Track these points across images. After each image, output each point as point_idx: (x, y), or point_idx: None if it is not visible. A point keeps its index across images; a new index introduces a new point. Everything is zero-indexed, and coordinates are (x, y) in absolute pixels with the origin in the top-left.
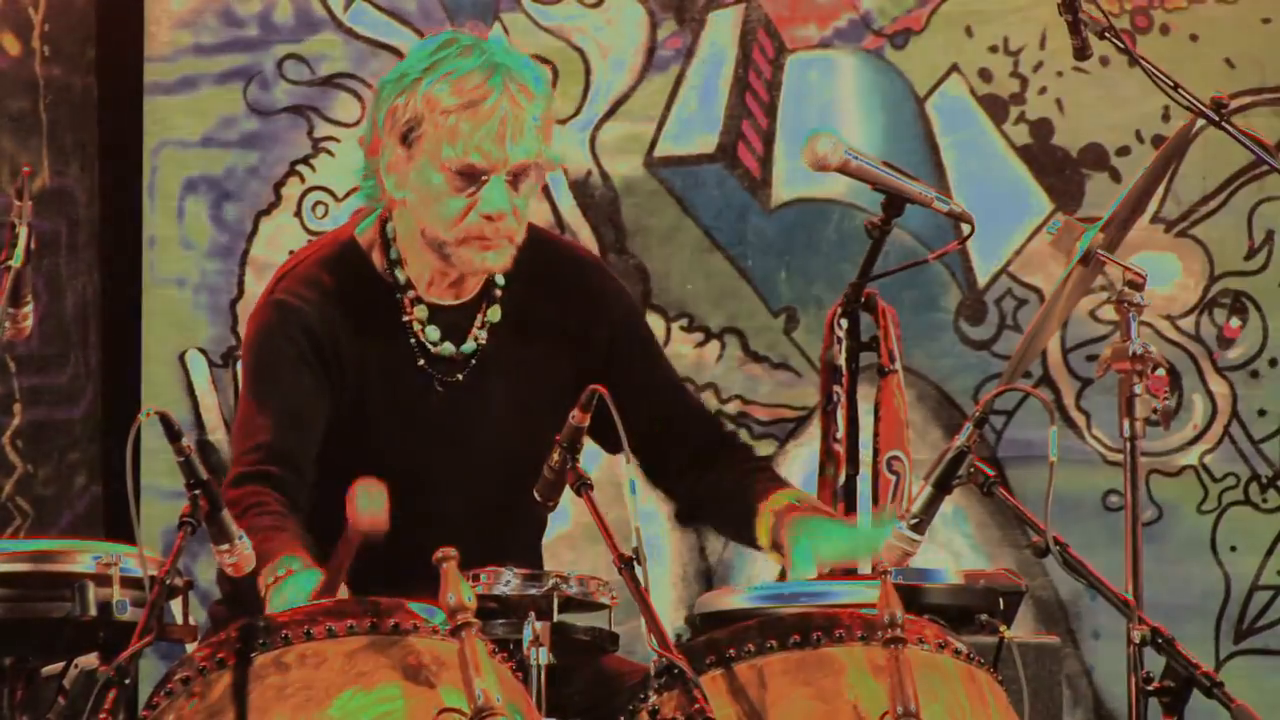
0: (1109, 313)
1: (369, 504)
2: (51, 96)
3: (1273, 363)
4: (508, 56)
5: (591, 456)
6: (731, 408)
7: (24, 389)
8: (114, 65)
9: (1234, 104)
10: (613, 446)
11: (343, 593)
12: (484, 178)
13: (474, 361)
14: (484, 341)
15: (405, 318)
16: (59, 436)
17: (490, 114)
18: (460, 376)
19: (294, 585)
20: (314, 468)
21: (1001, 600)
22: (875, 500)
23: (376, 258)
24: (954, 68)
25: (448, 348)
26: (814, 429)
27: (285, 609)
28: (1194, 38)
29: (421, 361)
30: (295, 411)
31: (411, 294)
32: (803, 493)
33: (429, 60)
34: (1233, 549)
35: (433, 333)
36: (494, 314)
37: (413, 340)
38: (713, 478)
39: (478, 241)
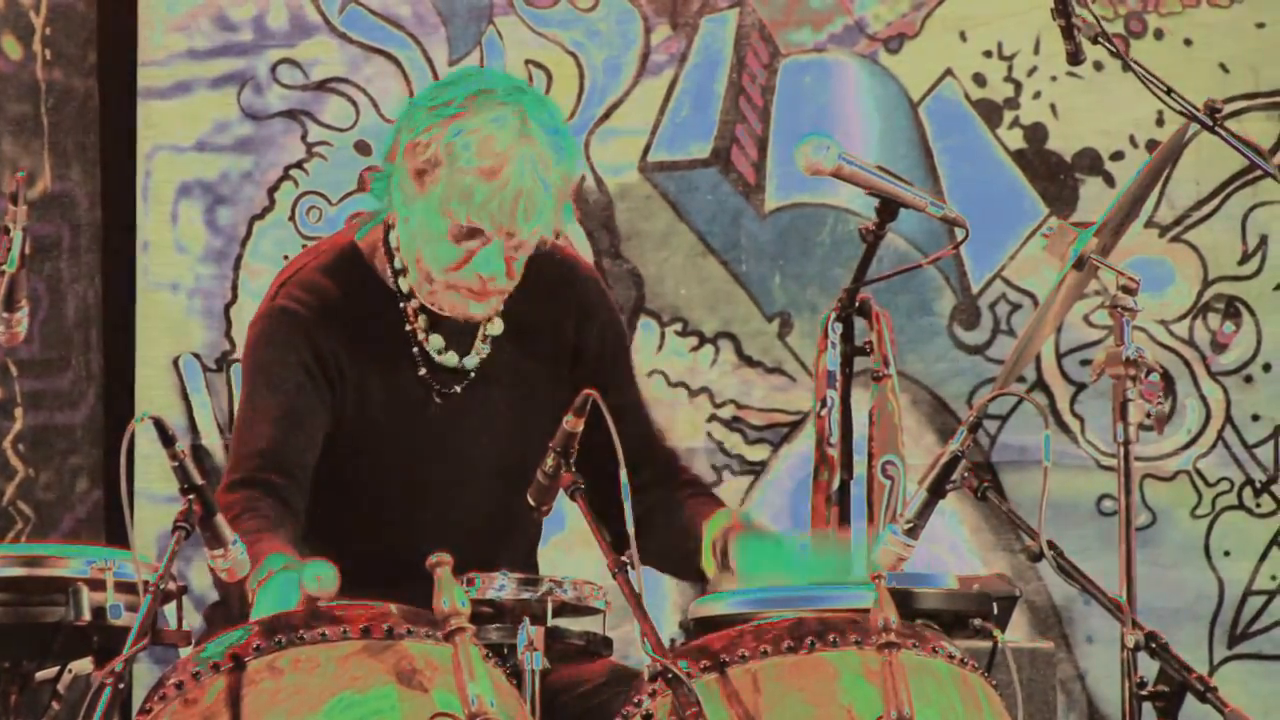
0: (1103, 317)
1: (315, 584)
2: (53, 100)
3: (1266, 367)
4: (541, 121)
5: None
6: (725, 412)
7: (25, 393)
8: (114, 69)
9: (1227, 109)
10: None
11: (334, 580)
12: (486, 239)
13: (473, 375)
14: (485, 355)
15: (408, 326)
16: (60, 441)
17: (505, 186)
18: (459, 389)
19: (275, 591)
20: (311, 474)
21: (995, 605)
22: (869, 505)
23: (379, 264)
24: (948, 72)
25: (451, 357)
26: (808, 434)
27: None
28: (1188, 42)
29: (423, 371)
30: (294, 419)
31: (415, 303)
32: (740, 511)
33: (463, 105)
34: (1226, 554)
35: (436, 341)
36: (494, 327)
37: (415, 349)
38: (655, 511)
39: (465, 290)
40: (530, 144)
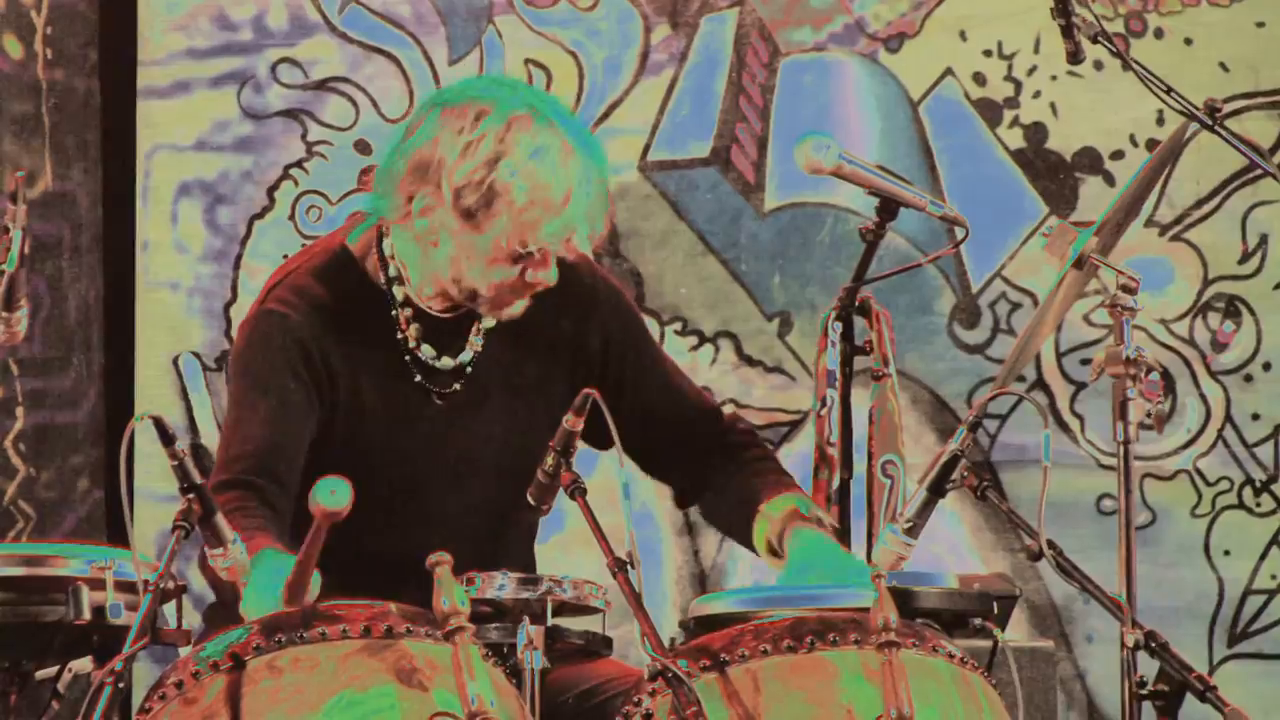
0: (1103, 317)
1: (330, 498)
2: (54, 100)
3: (1266, 366)
4: (567, 125)
5: (587, 460)
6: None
7: (26, 392)
8: (115, 68)
9: (1227, 108)
10: (602, 444)
11: (318, 585)
12: (545, 255)
13: (470, 370)
14: (479, 349)
15: (400, 334)
16: (61, 440)
17: (573, 213)
18: (457, 386)
19: (264, 568)
20: (300, 478)
21: (995, 604)
22: (869, 504)
23: (371, 269)
24: (948, 71)
25: (445, 362)
26: (808, 433)
27: (255, 591)
28: (1188, 41)
29: (418, 376)
30: (282, 422)
31: (408, 311)
32: (804, 498)
33: (501, 139)
34: (1226, 553)
35: (428, 349)
36: (488, 321)
37: (407, 356)
38: (713, 473)
39: (517, 299)
40: (575, 159)
